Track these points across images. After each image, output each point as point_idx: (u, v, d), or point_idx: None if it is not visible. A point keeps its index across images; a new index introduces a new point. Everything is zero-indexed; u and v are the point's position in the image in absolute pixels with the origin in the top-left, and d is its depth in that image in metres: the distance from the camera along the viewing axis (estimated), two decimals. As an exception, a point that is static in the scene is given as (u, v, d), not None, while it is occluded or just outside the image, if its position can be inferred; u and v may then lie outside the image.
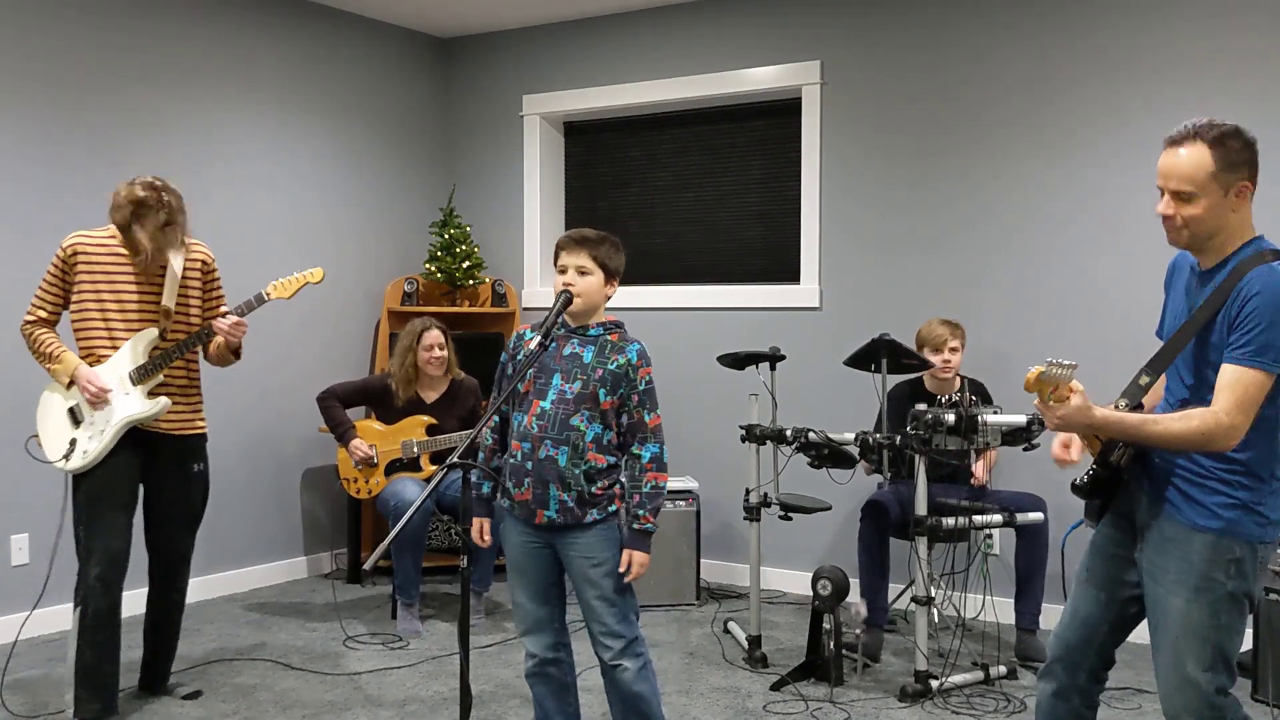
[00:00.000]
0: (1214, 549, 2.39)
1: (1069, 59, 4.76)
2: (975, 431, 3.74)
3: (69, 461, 3.56)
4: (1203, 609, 2.39)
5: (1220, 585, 2.39)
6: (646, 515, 2.90)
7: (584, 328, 2.97)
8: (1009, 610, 4.39)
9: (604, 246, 2.95)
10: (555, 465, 2.87)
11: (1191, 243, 2.43)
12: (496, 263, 6.25)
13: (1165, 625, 2.45)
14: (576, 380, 2.90)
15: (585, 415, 2.88)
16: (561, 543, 2.94)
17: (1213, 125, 2.38)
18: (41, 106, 4.63)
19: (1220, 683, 2.41)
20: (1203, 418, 2.33)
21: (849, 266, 5.29)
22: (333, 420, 4.85)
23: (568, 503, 2.88)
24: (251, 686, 4.02)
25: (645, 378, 2.95)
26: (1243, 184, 2.37)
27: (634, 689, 2.94)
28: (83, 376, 3.55)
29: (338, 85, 5.85)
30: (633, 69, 5.84)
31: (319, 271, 3.93)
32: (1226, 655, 2.41)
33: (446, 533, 5.63)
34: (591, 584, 2.92)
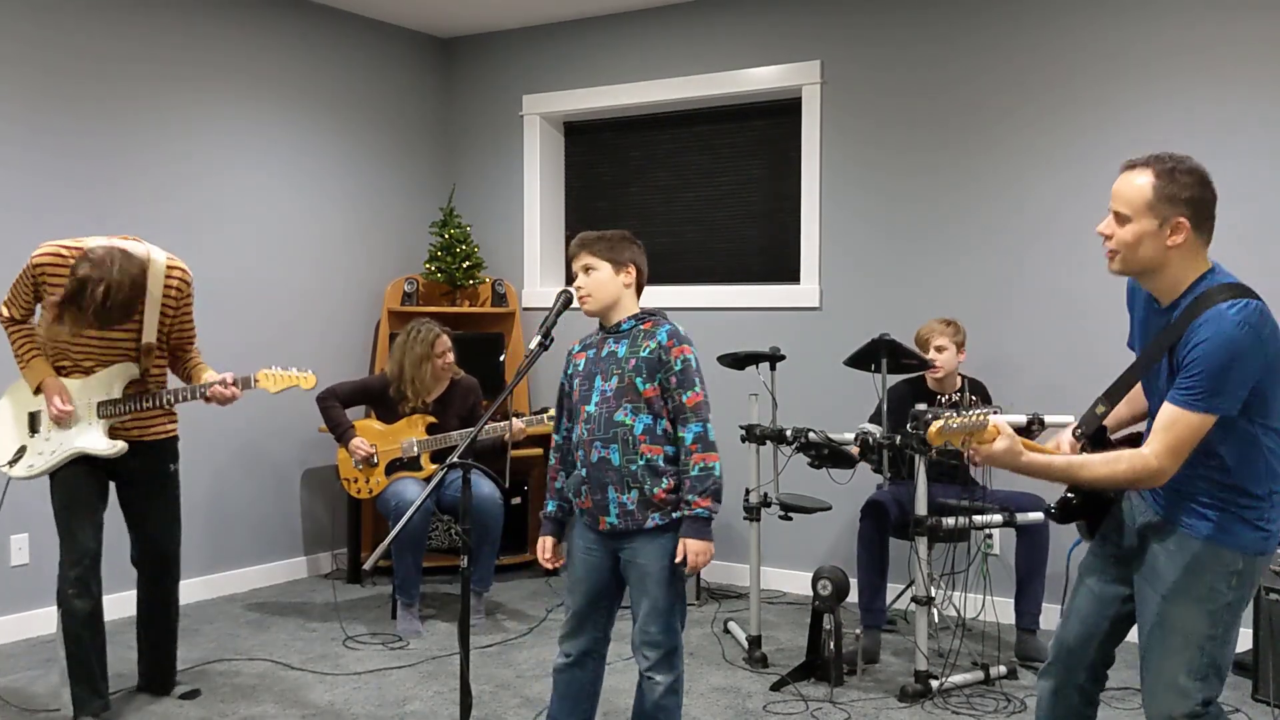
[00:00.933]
0: (1218, 560, 2.40)
1: (1069, 57, 4.76)
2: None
3: (12, 468, 3.56)
4: (1201, 618, 2.40)
5: (1221, 596, 2.40)
6: (698, 499, 2.81)
7: (616, 325, 2.97)
8: (1009, 610, 4.39)
9: (601, 242, 2.95)
10: (609, 465, 2.85)
11: (1124, 268, 2.44)
12: (496, 263, 6.25)
13: (1159, 630, 2.45)
14: (613, 376, 2.89)
15: (628, 408, 2.85)
16: (622, 548, 2.91)
17: (1172, 158, 2.40)
18: (44, 102, 4.63)
19: (1209, 693, 2.41)
20: (1130, 461, 2.35)
21: (849, 266, 5.29)
22: (332, 420, 4.84)
23: (628, 505, 2.85)
24: (251, 686, 4.02)
25: (680, 356, 2.88)
26: (1178, 219, 2.34)
27: (660, 701, 2.92)
28: (52, 391, 3.49)
29: (338, 85, 5.85)
30: (633, 69, 5.84)
31: (312, 378, 3.74)
32: (1219, 666, 2.42)
33: (446, 533, 5.63)
34: (644, 592, 2.89)
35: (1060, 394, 4.62)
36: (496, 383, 5.70)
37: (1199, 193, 2.38)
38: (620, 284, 2.95)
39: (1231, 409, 2.32)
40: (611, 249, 2.94)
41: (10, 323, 3.58)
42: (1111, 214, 2.43)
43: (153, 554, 3.77)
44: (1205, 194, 2.39)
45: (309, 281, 5.72)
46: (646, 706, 2.95)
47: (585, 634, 3.00)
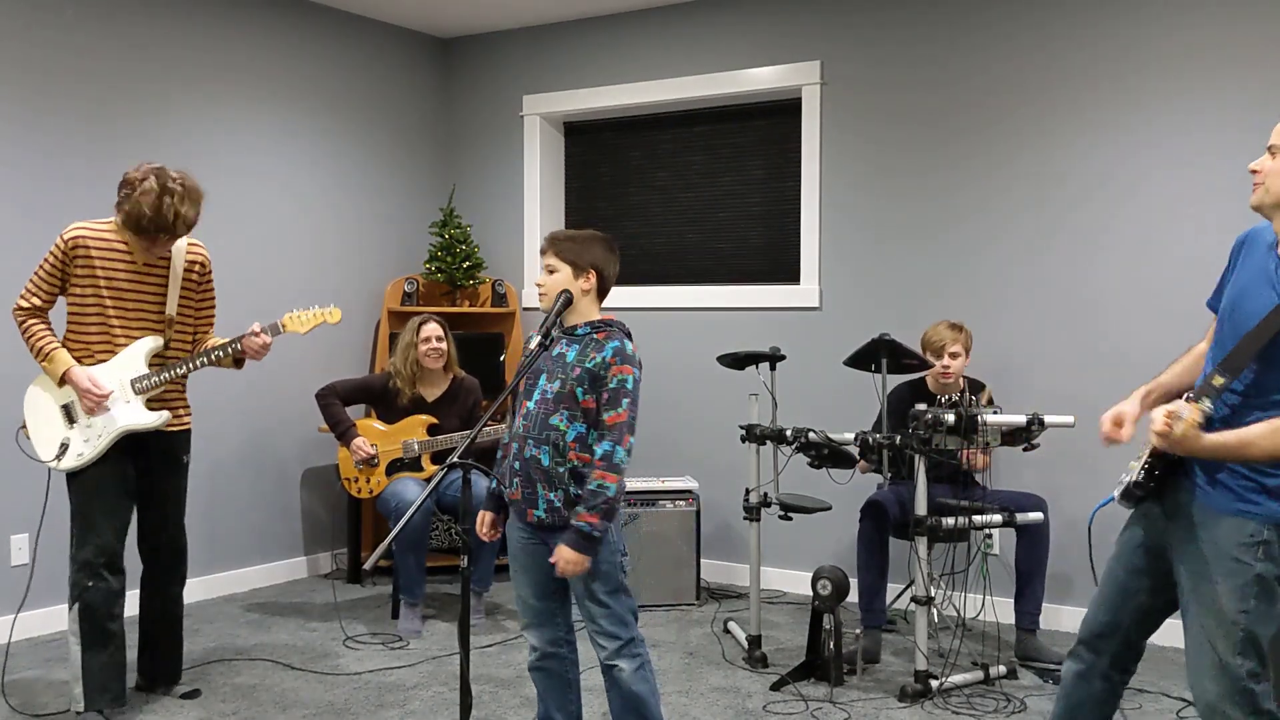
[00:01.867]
0: (1240, 531, 2.38)
1: (1070, 58, 4.76)
2: (975, 431, 3.74)
3: (61, 462, 3.55)
4: (1232, 593, 2.38)
5: (1249, 568, 2.37)
6: (585, 513, 2.81)
7: (573, 328, 2.98)
8: (1009, 610, 4.39)
9: (568, 242, 2.96)
10: (539, 465, 2.89)
11: (1263, 197, 2.43)
12: (496, 263, 6.25)
13: (1195, 610, 2.44)
14: (556, 379, 2.91)
15: (565, 414, 2.88)
16: (554, 540, 2.93)
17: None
18: (43, 102, 4.63)
19: (1251, 667, 2.39)
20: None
21: (849, 267, 5.29)
22: (333, 419, 4.84)
23: (554, 503, 2.89)
24: (251, 686, 4.02)
25: (616, 376, 2.87)
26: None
27: (631, 689, 2.94)
28: (81, 379, 3.50)
29: (338, 85, 5.85)
30: (633, 69, 5.84)
31: (337, 312, 3.90)
32: (1257, 640, 2.39)
33: (447, 533, 5.63)
34: (581, 586, 2.92)
35: (1061, 394, 4.62)
36: (496, 383, 5.70)
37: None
38: (578, 288, 2.95)
39: None
40: (576, 252, 2.95)
41: (31, 314, 3.56)
42: (1267, 151, 2.45)
43: (167, 543, 3.78)
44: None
45: (309, 281, 5.71)
46: (621, 694, 2.97)
47: (547, 626, 3.04)
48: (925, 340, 4.52)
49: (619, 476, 2.85)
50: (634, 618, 2.99)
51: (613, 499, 2.84)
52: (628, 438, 2.87)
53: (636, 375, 2.91)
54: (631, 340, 2.98)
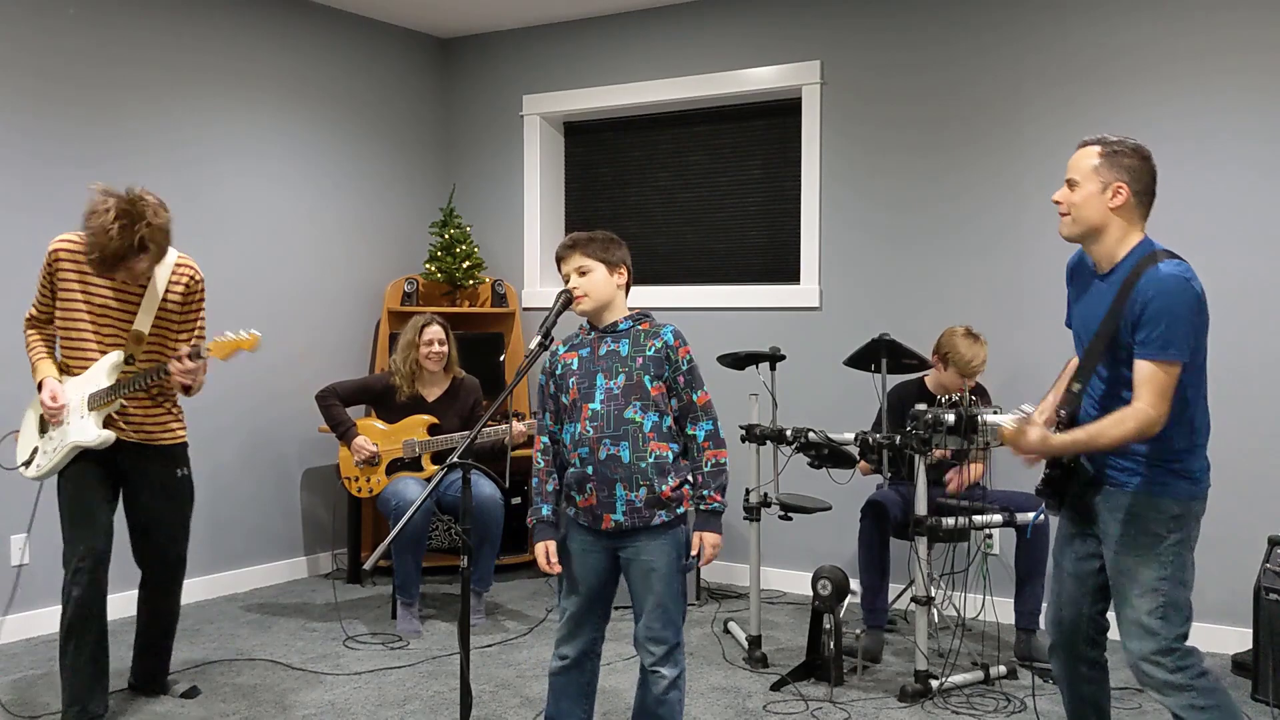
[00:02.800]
0: (1154, 508, 2.68)
1: (1070, 58, 4.76)
2: (975, 431, 3.73)
3: (28, 469, 3.59)
4: (1149, 563, 2.68)
5: (1163, 540, 2.68)
6: (713, 494, 2.89)
7: (612, 325, 2.97)
8: (1009, 610, 4.39)
9: (593, 244, 2.96)
10: (619, 462, 2.86)
11: (1072, 229, 2.78)
12: (496, 263, 6.25)
13: (1120, 583, 2.73)
14: (619, 374, 2.90)
15: (637, 406, 2.88)
16: (624, 546, 2.92)
17: (1117, 138, 2.76)
18: (41, 103, 4.63)
19: (1176, 630, 2.66)
20: (1135, 417, 2.61)
21: (849, 266, 5.30)
22: (333, 419, 4.84)
23: (635, 503, 2.86)
24: (251, 686, 4.02)
25: (686, 356, 2.96)
26: (1119, 184, 2.70)
27: (664, 695, 2.93)
28: (45, 390, 3.51)
29: (338, 85, 5.85)
30: (633, 69, 5.84)
31: (255, 337, 3.58)
32: (1178, 604, 2.67)
33: (447, 533, 5.63)
34: (650, 589, 2.90)
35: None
36: (496, 383, 5.70)
37: (1137, 164, 2.72)
38: (614, 285, 2.97)
39: (1186, 356, 2.60)
40: (605, 250, 2.96)
41: (30, 323, 3.63)
42: (1065, 183, 2.80)
43: (158, 559, 3.76)
44: (1144, 166, 2.73)
45: (309, 281, 5.72)
46: (649, 701, 2.95)
47: (583, 636, 3.00)
48: (957, 359, 4.38)
49: (726, 451, 2.95)
50: (683, 620, 2.98)
51: (728, 474, 2.94)
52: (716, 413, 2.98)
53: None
54: None
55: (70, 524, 3.53)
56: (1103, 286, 2.77)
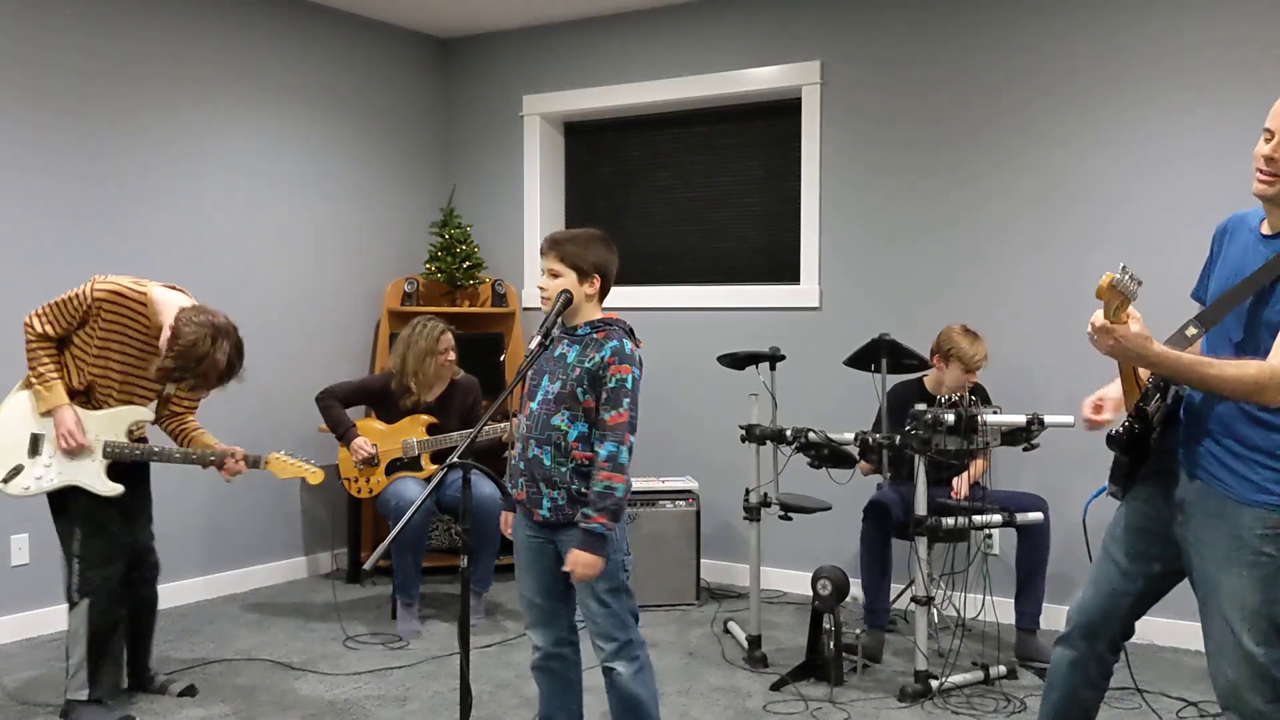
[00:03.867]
0: (1264, 523, 2.36)
1: (1070, 58, 4.76)
2: (975, 431, 3.74)
3: (7, 485, 3.57)
4: (1255, 584, 2.37)
5: (1272, 559, 2.36)
6: (593, 515, 2.81)
7: (573, 328, 2.98)
8: (1009, 610, 4.39)
9: (572, 245, 2.94)
10: (541, 465, 2.90)
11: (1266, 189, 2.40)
12: (496, 263, 6.25)
13: (1216, 601, 2.43)
14: (558, 380, 2.92)
15: (566, 414, 2.89)
16: (559, 539, 2.95)
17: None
18: (41, 103, 4.62)
19: (1276, 656, 2.38)
20: (1259, 367, 2.28)
21: (849, 266, 5.30)
22: (333, 420, 4.84)
23: (558, 501, 2.90)
24: (251, 686, 4.02)
25: (615, 375, 2.86)
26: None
27: (629, 691, 2.94)
28: (67, 422, 3.51)
29: (338, 85, 5.85)
30: (633, 69, 5.84)
31: (320, 474, 3.98)
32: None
33: (446, 533, 5.63)
34: (584, 586, 2.91)
35: (1061, 394, 4.61)
36: (496, 383, 5.69)
37: None
38: (583, 293, 2.95)
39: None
40: (580, 255, 2.93)
41: (40, 338, 3.53)
42: (1263, 138, 2.43)
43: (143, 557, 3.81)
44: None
45: (309, 282, 5.72)
46: (619, 695, 2.97)
47: (551, 626, 3.03)
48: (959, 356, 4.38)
49: (625, 476, 2.85)
50: (634, 619, 2.98)
51: (620, 499, 2.85)
52: (629, 437, 2.86)
53: (636, 374, 2.90)
54: (633, 339, 2.98)
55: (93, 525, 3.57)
56: (1264, 248, 2.42)
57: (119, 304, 3.50)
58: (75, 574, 3.54)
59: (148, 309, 3.52)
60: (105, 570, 3.56)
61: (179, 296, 3.58)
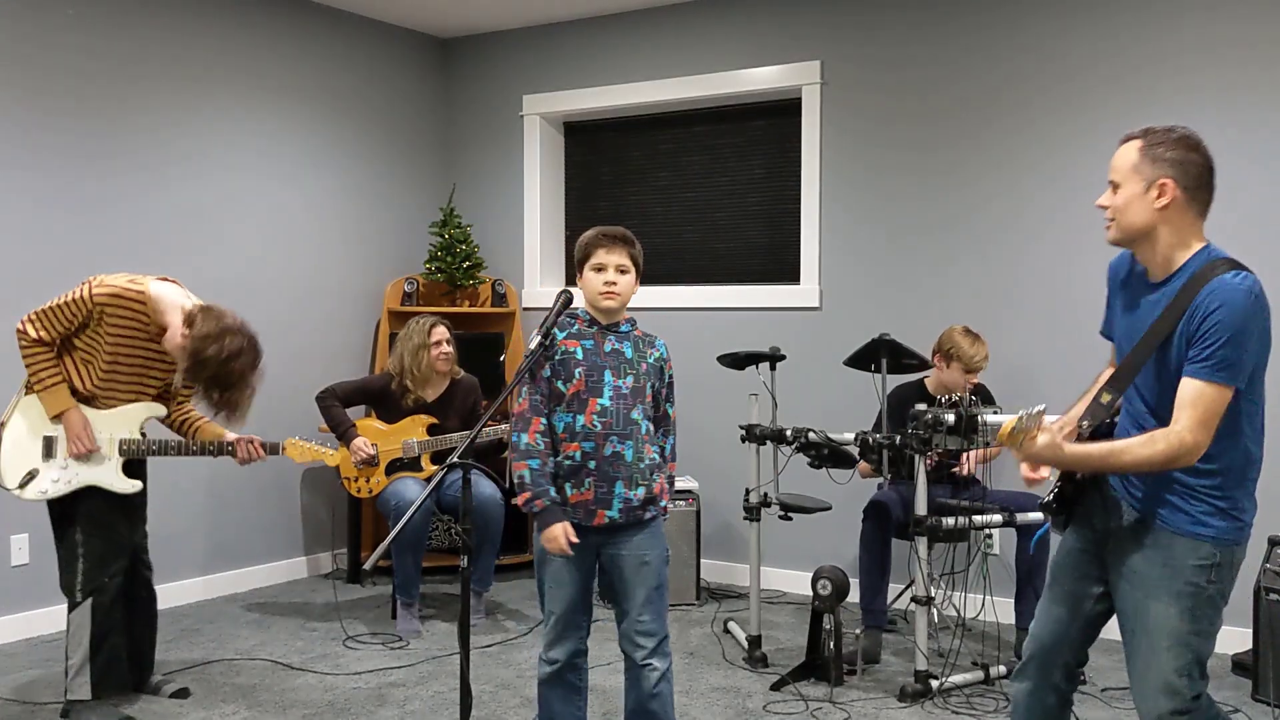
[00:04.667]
0: (1196, 554, 2.39)
1: (1069, 56, 4.76)
2: (975, 431, 3.73)
3: (23, 491, 3.57)
4: (1185, 614, 2.39)
5: (1202, 590, 2.39)
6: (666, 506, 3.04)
7: (615, 324, 3.01)
8: (1009, 610, 4.39)
9: (637, 246, 3.03)
10: (623, 461, 2.89)
11: (1118, 235, 2.46)
12: (496, 263, 6.25)
13: (1143, 629, 2.45)
14: (628, 375, 2.94)
15: (641, 409, 2.95)
16: (611, 543, 2.93)
17: (1162, 127, 2.42)
18: (41, 102, 4.63)
19: (1196, 689, 2.41)
20: (1167, 440, 2.33)
21: (849, 266, 5.30)
22: (333, 420, 4.84)
23: (632, 501, 2.90)
24: (251, 686, 4.02)
25: (670, 371, 3.08)
26: (1163, 180, 2.37)
27: (657, 689, 2.94)
28: (76, 425, 3.53)
29: (338, 85, 5.85)
30: (633, 69, 5.84)
31: (338, 456, 4.16)
32: (1202, 660, 2.42)
33: (446, 533, 5.63)
34: (640, 581, 2.93)
35: (1062, 394, 4.60)
36: (496, 383, 5.70)
37: (1183, 155, 2.38)
38: (633, 290, 3.01)
39: (1242, 382, 2.32)
40: (640, 255, 3.03)
41: (37, 344, 3.51)
42: (1108, 185, 2.46)
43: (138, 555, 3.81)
44: (1190, 157, 2.39)
45: (309, 281, 5.72)
46: (643, 697, 2.96)
47: (571, 638, 2.99)
48: (959, 357, 4.38)
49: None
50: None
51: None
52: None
53: None
54: None
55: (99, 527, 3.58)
56: (1155, 296, 2.44)
57: (120, 304, 3.50)
58: (79, 573, 3.54)
59: (147, 306, 3.52)
60: (108, 569, 3.57)
61: (176, 291, 3.58)
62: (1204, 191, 2.41)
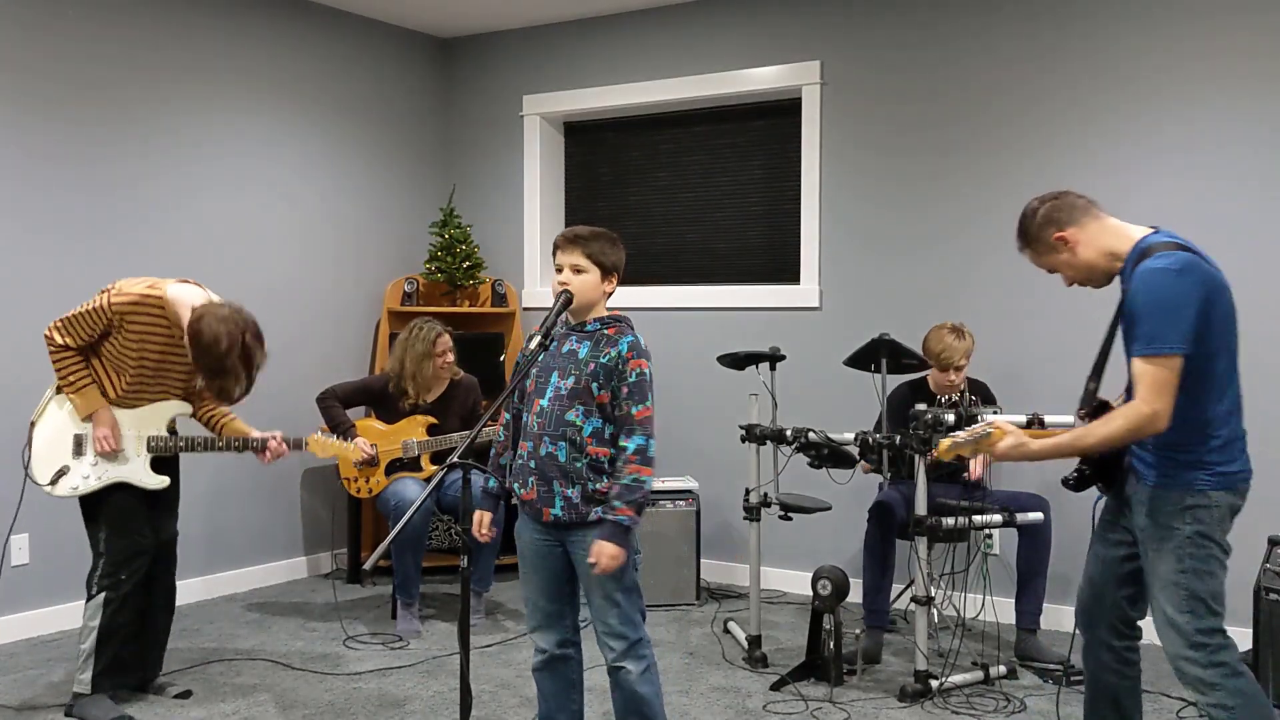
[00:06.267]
0: (1169, 500, 2.66)
1: (1067, 57, 4.76)
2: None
3: (54, 487, 3.63)
4: (1168, 556, 2.65)
5: (1178, 531, 2.65)
6: (621, 507, 2.82)
7: (582, 324, 2.98)
8: (1009, 610, 4.39)
9: (597, 243, 2.94)
10: (556, 461, 2.88)
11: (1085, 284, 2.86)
12: (496, 263, 6.25)
13: (1149, 579, 2.73)
14: (570, 375, 2.91)
15: (580, 410, 2.89)
16: (569, 540, 2.94)
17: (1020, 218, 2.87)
18: (42, 103, 4.62)
19: (1201, 624, 2.62)
20: (1125, 415, 2.62)
21: (849, 266, 5.30)
22: (333, 420, 4.84)
23: (573, 499, 2.89)
24: (251, 686, 4.02)
25: (635, 370, 2.89)
26: (1057, 237, 2.79)
27: (636, 690, 2.94)
28: (104, 424, 3.60)
29: (338, 85, 5.85)
30: (633, 69, 5.84)
31: (359, 452, 4.23)
32: (1200, 597, 2.63)
33: (446, 533, 5.63)
34: (595, 583, 2.91)
35: (1061, 394, 4.61)
36: (496, 383, 5.70)
37: (1047, 210, 2.81)
38: (601, 290, 2.96)
39: (1179, 346, 2.56)
40: (603, 253, 2.95)
41: (63, 350, 3.58)
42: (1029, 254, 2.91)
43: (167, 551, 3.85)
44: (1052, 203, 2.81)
45: (309, 281, 5.72)
46: (625, 695, 2.96)
47: (555, 628, 3.02)
48: (930, 351, 4.40)
49: (652, 470, 2.89)
50: (642, 618, 2.98)
51: (647, 493, 2.89)
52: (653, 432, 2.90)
53: (652, 370, 2.95)
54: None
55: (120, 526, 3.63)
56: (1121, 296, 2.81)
57: (140, 310, 3.56)
58: (99, 569, 3.62)
59: (166, 309, 3.58)
60: (127, 569, 3.62)
61: (194, 292, 3.63)
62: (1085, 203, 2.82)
